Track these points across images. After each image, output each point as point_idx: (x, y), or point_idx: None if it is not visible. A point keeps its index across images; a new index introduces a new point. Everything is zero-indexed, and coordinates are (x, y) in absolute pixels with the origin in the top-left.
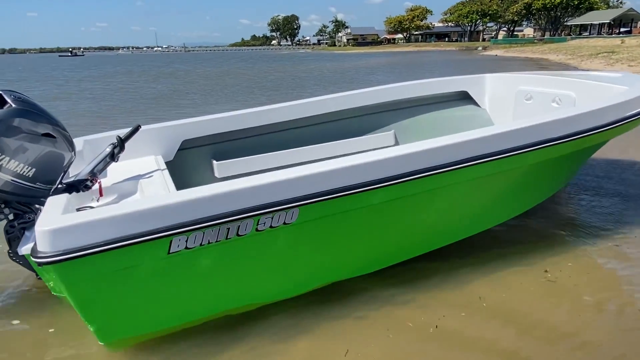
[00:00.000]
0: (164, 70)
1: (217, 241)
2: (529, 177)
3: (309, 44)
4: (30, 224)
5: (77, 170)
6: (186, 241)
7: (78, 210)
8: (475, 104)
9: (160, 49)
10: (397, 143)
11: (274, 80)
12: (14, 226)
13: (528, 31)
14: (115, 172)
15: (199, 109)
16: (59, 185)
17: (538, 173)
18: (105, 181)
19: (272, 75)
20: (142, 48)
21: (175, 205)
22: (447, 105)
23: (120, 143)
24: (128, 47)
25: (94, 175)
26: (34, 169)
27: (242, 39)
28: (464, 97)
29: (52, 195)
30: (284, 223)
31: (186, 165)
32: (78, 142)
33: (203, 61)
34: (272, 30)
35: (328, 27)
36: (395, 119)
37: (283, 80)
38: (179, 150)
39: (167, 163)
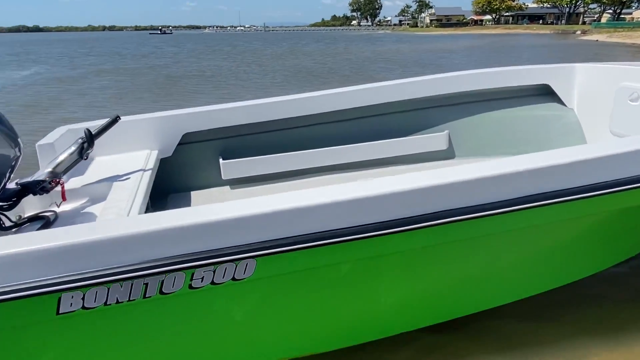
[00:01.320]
0: (239, 47)
1: (129, 300)
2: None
3: (390, 25)
4: None
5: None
6: (82, 299)
7: (37, 215)
8: (560, 101)
9: (242, 28)
10: (450, 146)
11: (339, 62)
12: None
13: (638, 14)
14: (94, 169)
15: (244, 90)
16: (6, 189)
17: None
18: (77, 180)
19: (341, 56)
20: (226, 27)
21: (65, 248)
22: (520, 102)
23: (89, 138)
24: (213, 26)
25: (54, 175)
26: None
27: (322, 19)
28: (545, 93)
29: None
30: (233, 279)
31: (187, 163)
32: (60, 130)
33: (279, 41)
34: (352, 10)
35: (411, 7)
36: (450, 116)
37: (348, 63)
38: (179, 144)
39: (164, 160)
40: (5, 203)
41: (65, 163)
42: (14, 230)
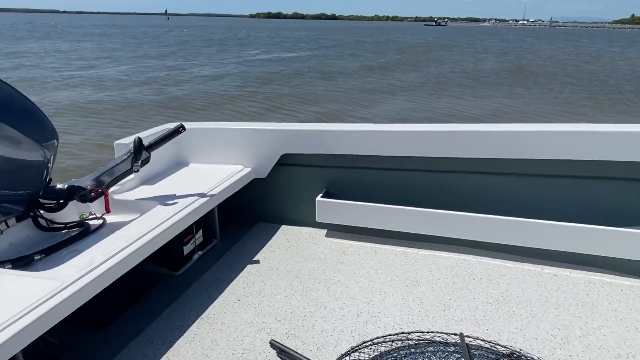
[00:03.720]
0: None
1: None
2: None
3: None
4: None
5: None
6: None
7: (78, 222)
8: None
9: (524, 22)
10: None
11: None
12: None
13: None
14: (177, 178)
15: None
16: (56, 188)
17: None
18: (137, 192)
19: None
20: (507, 21)
21: None
22: None
23: (138, 149)
24: (492, 19)
25: (98, 184)
26: None
27: (632, 15)
28: None
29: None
30: None
31: (283, 189)
32: (152, 130)
33: (557, 38)
34: None
35: None
36: None
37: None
38: (276, 165)
39: (257, 181)
40: (53, 202)
41: (111, 173)
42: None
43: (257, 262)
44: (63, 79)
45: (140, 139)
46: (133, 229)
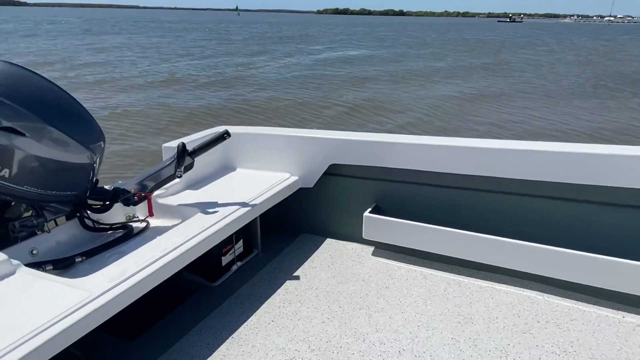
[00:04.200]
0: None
1: None
2: None
3: None
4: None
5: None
6: None
7: (123, 224)
8: None
9: (611, 19)
10: None
11: None
12: (14, 228)
13: None
14: (217, 186)
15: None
16: (104, 189)
17: None
18: (181, 197)
19: None
20: (591, 17)
21: None
22: None
23: (181, 154)
24: (574, 15)
25: (142, 188)
26: (5, 169)
27: None
28: None
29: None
30: None
31: (329, 200)
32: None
33: None
34: None
35: None
36: None
37: None
38: (324, 174)
39: (303, 190)
40: (99, 203)
41: (155, 178)
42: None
43: (297, 278)
44: (140, 75)
45: (184, 145)
46: (172, 237)
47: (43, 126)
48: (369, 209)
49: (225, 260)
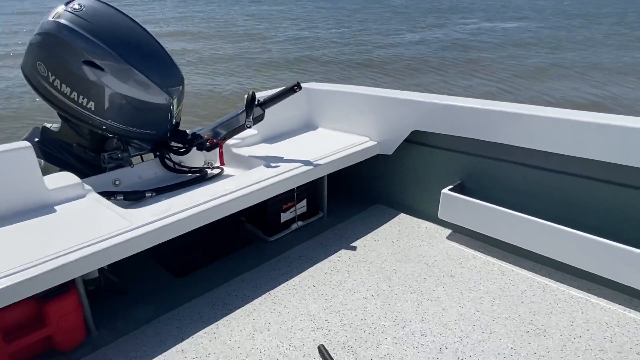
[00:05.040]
0: None
1: None
2: None
3: None
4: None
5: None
6: None
7: (200, 168)
8: None
9: None
10: None
11: None
12: (104, 159)
13: None
14: (292, 142)
15: None
16: (185, 132)
17: None
18: (254, 148)
19: None
20: None
21: None
22: None
23: (249, 104)
24: None
25: (215, 135)
26: (92, 102)
27: None
28: None
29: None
30: None
31: (408, 171)
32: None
33: None
34: None
35: None
36: None
37: None
38: (405, 141)
39: (381, 157)
40: (179, 146)
41: (227, 126)
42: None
43: (354, 248)
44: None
45: (253, 94)
46: (233, 183)
47: (127, 67)
48: (451, 186)
49: (284, 217)
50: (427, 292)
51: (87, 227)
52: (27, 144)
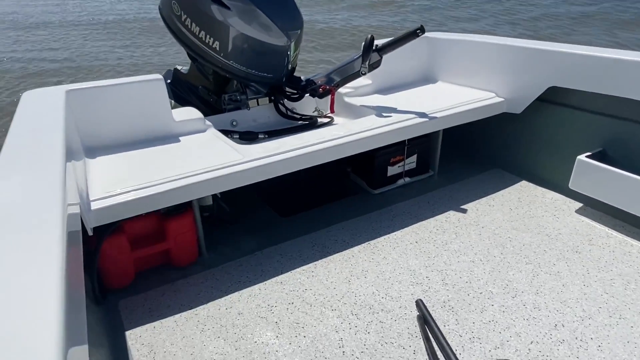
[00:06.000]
0: None
1: None
2: None
3: None
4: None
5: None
6: None
7: (311, 117)
8: None
9: None
10: None
11: None
12: (224, 101)
13: None
14: (407, 94)
15: None
16: (300, 79)
17: None
18: (366, 99)
19: None
20: None
21: None
22: None
23: (367, 49)
24: None
25: (328, 82)
26: (217, 42)
27: None
28: None
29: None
30: None
31: (539, 133)
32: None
33: None
34: None
35: None
36: None
37: None
38: (538, 99)
39: (509, 116)
40: (293, 91)
41: (341, 73)
42: (287, 120)
43: (464, 211)
44: None
45: (372, 38)
46: (342, 129)
47: (252, 7)
48: (588, 153)
49: (391, 170)
50: (545, 265)
51: (206, 156)
52: (159, 76)
